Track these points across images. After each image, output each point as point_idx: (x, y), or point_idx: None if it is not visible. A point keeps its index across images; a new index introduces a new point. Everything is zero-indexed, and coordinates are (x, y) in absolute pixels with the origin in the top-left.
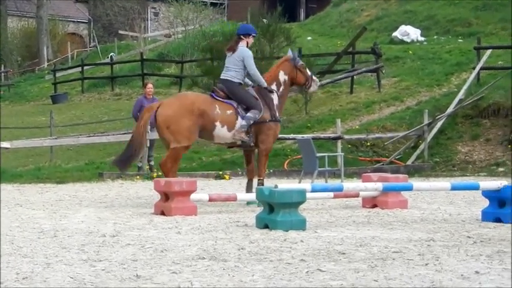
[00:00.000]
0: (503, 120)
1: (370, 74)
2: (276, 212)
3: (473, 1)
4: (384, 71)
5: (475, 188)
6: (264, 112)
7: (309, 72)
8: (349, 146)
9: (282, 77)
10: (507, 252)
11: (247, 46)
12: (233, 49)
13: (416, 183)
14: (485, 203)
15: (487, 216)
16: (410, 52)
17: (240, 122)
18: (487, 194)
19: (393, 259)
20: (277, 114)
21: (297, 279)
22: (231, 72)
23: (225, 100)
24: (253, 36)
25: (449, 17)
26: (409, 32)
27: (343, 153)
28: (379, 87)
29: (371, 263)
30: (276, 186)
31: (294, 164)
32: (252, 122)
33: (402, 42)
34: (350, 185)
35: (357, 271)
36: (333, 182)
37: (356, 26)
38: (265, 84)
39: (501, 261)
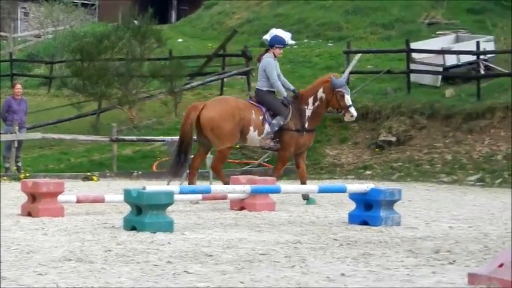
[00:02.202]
0: (371, 124)
1: (240, 76)
2: (143, 214)
3: (344, 5)
4: (254, 74)
5: (342, 190)
6: (291, 121)
7: (347, 102)
8: None
9: (320, 94)
10: (373, 254)
11: (274, 57)
12: (259, 60)
13: (284, 185)
14: (352, 205)
15: (354, 218)
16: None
17: (267, 128)
18: (354, 196)
19: (260, 261)
20: (306, 125)
21: (164, 281)
22: (259, 81)
23: (258, 105)
24: (279, 47)
25: (320, 20)
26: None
27: (212, 156)
28: (249, 90)
29: (238, 265)
30: (144, 188)
31: (163, 166)
32: (276, 128)
33: None
34: (218, 187)
35: (223, 273)
36: (202, 184)
37: (227, 28)
38: (285, 94)
39: (367, 264)
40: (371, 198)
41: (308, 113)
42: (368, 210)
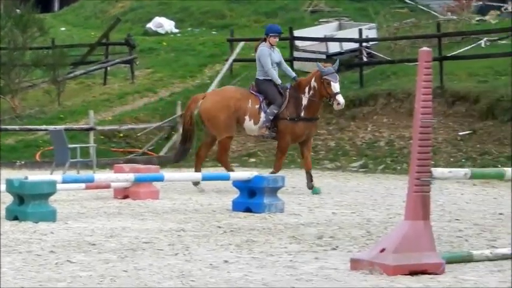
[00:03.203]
0: None
1: (123, 65)
2: (26, 204)
3: None
4: (137, 63)
5: (226, 178)
6: (286, 109)
7: (333, 90)
8: (102, 137)
9: (313, 83)
10: (256, 241)
11: (271, 45)
12: (256, 50)
13: (168, 173)
14: (236, 193)
15: (238, 206)
16: (164, 44)
17: (262, 117)
18: (238, 184)
19: (143, 249)
20: (301, 114)
21: (46, 270)
22: (257, 71)
23: (257, 94)
24: (273, 36)
25: (203, 9)
26: (163, 24)
27: (95, 145)
28: (133, 79)
29: (121, 253)
30: (26, 178)
31: (46, 155)
32: (270, 117)
33: (156, 33)
34: (102, 176)
35: (106, 262)
36: (85, 173)
37: (111, 17)
38: (279, 81)
39: (250, 250)
40: (254, 185)
41: (304, 101)
42: (252, 197)
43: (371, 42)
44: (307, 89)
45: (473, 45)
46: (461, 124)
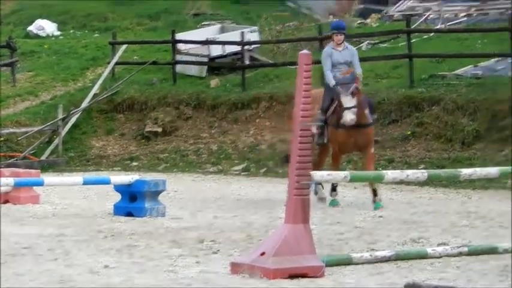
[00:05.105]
0: (138, 114)
1: (4, 68)
2: None
3: None
4: (19, 66)
5: (107, 182)
6: (332, 116)
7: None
8: None
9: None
10: (137, 245)
11: (337, 44)
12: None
13: (48, 178)
14: (118, 197)
15: (119, 210)
16: (46, 46)
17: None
18: (119, 188)
19: (23, 255)
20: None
21: None
22: None
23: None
24: (335, 33)
25: (86, 11)
26: (45, 27)
27: None
28: (14, 82)
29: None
30: None
31: None
32: (316, 122)
33: (38, 36)
34: None
35: None
36: None
37: None
38: (332, 83)
39: (131, 255)
40: (135, 189)
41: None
42: (133, 201)
43: (253, 45)
44: None
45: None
46: None
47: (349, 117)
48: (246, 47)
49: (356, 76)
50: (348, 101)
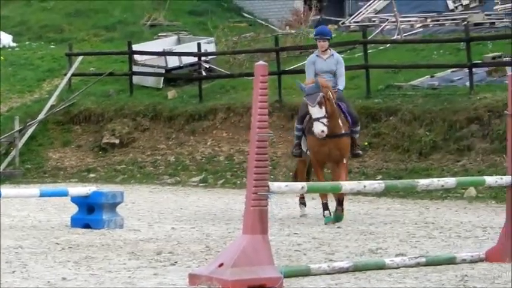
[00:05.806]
0: (94, 126)
1: None
2: None
3: (66, 8)
4: None
5: (64, 194)
6: (308, 124)
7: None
8: None
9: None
10: (95, 257)
11: (322, 51)
12: None
13: (5, 190)
14: (75, 209)
15: (76, 222)
16: (1, 58)
17: None
18: (76, 200)
19: None
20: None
21: None
22: None
23: None
24: (318, 39)
25: (42, 22)
26: (1, 38)
27: None
28: None
29: None
30: None
31: None
32: (296, 133)
33: None
34: None
35: None
36: None
37: None
38: (302, 86)
39: (88, 267)
40: (93, 201)
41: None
42: (90, 213)
43: (210, 56)
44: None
45: None
46: None
47: (318, 128)
48: (203, 58)
49: (323, 85)
50: (315, 111)
